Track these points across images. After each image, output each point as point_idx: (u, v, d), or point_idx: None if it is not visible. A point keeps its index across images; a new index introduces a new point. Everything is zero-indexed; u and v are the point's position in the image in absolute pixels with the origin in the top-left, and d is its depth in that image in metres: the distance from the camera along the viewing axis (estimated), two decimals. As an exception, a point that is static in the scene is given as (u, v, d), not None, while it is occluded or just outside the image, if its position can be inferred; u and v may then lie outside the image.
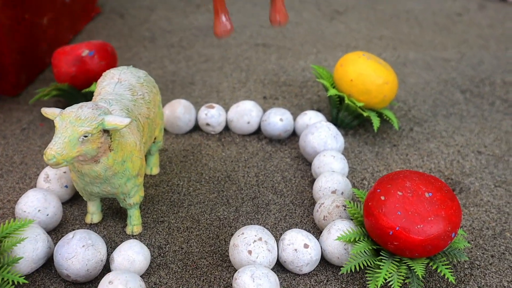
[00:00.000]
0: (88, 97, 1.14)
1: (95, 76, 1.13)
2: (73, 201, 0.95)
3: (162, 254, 0.85)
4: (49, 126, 1.15)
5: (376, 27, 1.57)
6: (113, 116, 0.75)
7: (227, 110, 1.16)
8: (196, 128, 1.14)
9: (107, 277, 0.74)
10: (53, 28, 1.39)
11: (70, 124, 0.73)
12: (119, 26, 1.57)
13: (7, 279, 0.74)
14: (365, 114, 1.07)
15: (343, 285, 0.80)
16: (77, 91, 1.14)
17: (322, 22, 1.60)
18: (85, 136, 0.74)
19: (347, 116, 1.11)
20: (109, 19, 1.62)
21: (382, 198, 0.76)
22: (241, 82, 1.30)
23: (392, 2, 1.74)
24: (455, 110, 1.21)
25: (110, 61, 1.15)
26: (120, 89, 0.88)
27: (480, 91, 1.28)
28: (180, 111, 1.10)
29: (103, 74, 0.93)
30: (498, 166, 1.04)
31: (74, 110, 0.74)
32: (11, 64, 1.22)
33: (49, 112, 0.76)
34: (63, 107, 1.20)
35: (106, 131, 0.76)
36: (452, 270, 0.78)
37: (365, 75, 1.06)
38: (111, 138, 0.77)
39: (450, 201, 0.76)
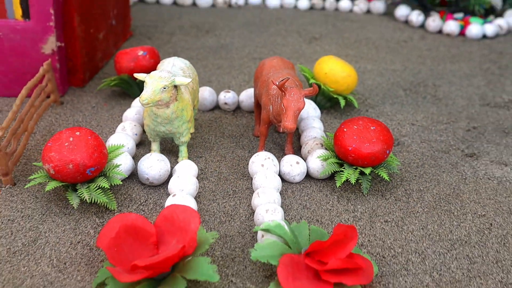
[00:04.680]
0: (140, 84, 1.61)
1: (146, 70, 1.59)
2: (139, 146, 1.40)
3: (204, 172, 1.30)
4: (111, 105, 1.60)
5: (343, 49, 2.08)
6: (180, 77, 1.22)
7: (238, 95, 1.63)
8: (217, 107, 1.60)
9: (175, 174, 1.19)
10: (104, 42, 1.86)
11: (155, 81, 1.19)
12: (149, 45, 2.05)
13: (113, 176, 1.18)
14: (335, 96, 1.55)
15: (320, 188, 1.25)
16: (133, 80, 1.60)
17: (302, 44, 2.10)
18: (164, 88, 1.19)
19: (323, 99, 1.59)
20: (140, 40, 2.10)
21: (345, 130, 1.23)
22: (245, 81, 1.78)
23: (355, 32, 2.26)
24: (397, 100, 1.70)
25: (157, 59, 1.62)
26: (174, 69, 1.35)
27: (416, 90, 1.77)
28: (206, 94, 1.57)
29: (161, 61, 1.40)
30: (424, 132, 1.52)
31: (157, 72, 1.20)
32: (81, 64, 1.68)
33: (139, 76, 1.22)
34: (118, 94, 1.66)
35: (175, 86, 1.22)
36: (387, 176, 1.24)
37: (335, 70, 1.55)
38: (177, 92, 1.24)
39: (386, 131, 1.23)
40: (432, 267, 1.03)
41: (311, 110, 1.47)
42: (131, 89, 1.61)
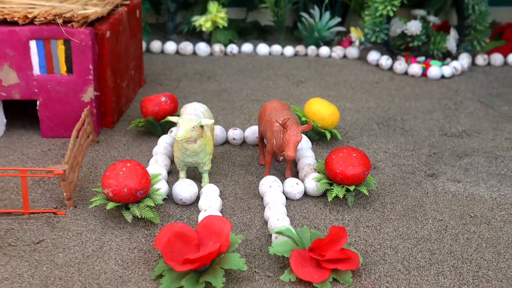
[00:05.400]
0: (163, 125, 1.95)
1: (168, 113, 1.93)
2: (168, 174, 1.74)
3: (223, 194, 1.64)
4: (139, 143, 1.94)
5: (325, 90, 2.45)
6: (205, 119, 1.56)
7: (243, 131, 1.98)
8: (226, 142, 1.95)
9: (203, 195, 1.53)
10: (126, 89, 2.20)
11: (186, 122, 1.53)
12: (161, 90, 2.40)
13: (155, 197, 1.51)
14: (322, 131, 1.91)
15: (315, 203, 1.60)
16: (157, 122, 1.94)
17: (291, 87, 2.47)
18: (193, 128, 1.53)
19: (312, 134, 1.94)
20: (152, 86, 2.44)
21: (333, 157, 1.58)
22: (246, 120, 2.13)
23: (334, 75, 2.64)
24: (372, 133, 2.06)
25: (176, 104, 1.96)
26: (196, 112, 1.69)
27: (388, 123, 2.14)
28: (218, 131, 1.91)
29: (184, 106, 1.74)
30: (395, 158, 1.88)
31: (187, 116, 1.54)
32: (111, 109, 2.01)
33: (173, 119, 1.56)
34: (143, 133, 2.00)
35: (201, 126, 1.56)
36: (367, 191, 1.59)
37: (322, 109, 1.90)
38: (202, 130, 1.58)
39: (365, 157, 1.58)
40: (402, 258, 1.38)
41: (304, 143, 1.83)
42: (155, 129, 1.95)
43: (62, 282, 1.27)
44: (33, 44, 1.83)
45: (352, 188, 1.56)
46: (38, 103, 1.89)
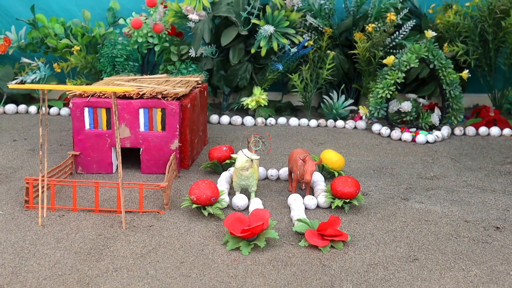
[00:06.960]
0: (224, 165, 2.83)
1: (227, 158, 2.82)
2: (228, 194, 2.60)
3: (263, 205, 2.49)
4: (206, 177, 2.82)
5: (339, 149, 3.30)
6: (253, 155, 2.44)
7: (278, 170, 2.85)
8: (266, 178, 2.82)
9: (252, 204, 2.38)
10: (197, 145, 3.11)
11: (242, 157, 2.41)
12: (219, 147, 3.30)
13: (222, 203, 2.37)
14: (332, 170, 2.76)
15: (324, 211, 2.42)
16: (220, 164, 2.83)
17: (313, 147, 3.35)
18: (246, 160, 2.41)
19: (325, 173, 2.80)
20: (213, 145, 3.34)
21: (336, 181, 2.43)
22: (280, 165, 2.99)
23: (346, 140, 3.51)
24: (368, 176, 2.89)
25: (232, 152, 2.86)
26: (248, 153, 2.57)
27: (380, 170, 2.98)
28: (260, 170, 2.78)
29: (240, 151, 2.62)
30: (381, 190, 2.70)
31: (242, 154, 2.43)
32: (188, 156, 2.91)
33: (234, 155, 2.44)
34: (209, 172, 2.88)
35: (251, 160, 2.44)
36: (357, 205, 2.43)
37: (332, 156, 2.77)
38: (252, 162, 2.45)
39: (357, 182, 2.42)
40: (375, 238, 2.18)
41: (319, 177, 2.69)
42: (218, 168, 2.83)
43: (178, 244, 2.11)
44: (141, 111, 2.76)
45: (348, 201, 2.39)
46: (141, 149, 2.80)
